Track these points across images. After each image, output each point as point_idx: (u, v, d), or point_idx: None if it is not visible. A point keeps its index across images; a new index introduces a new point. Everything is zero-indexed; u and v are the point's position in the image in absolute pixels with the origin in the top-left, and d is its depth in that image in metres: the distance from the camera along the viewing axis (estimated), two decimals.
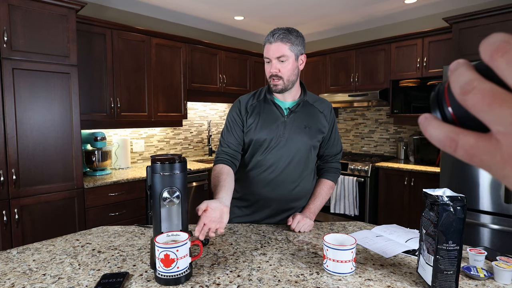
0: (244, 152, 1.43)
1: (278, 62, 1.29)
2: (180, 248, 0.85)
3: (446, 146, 0.23)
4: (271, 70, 1.30)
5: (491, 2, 3.04)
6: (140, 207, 2.81)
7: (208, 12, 3.43)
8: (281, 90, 1.33)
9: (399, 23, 3.73)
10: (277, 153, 1.35)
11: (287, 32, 1.28)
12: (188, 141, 3.93)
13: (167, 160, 0.94)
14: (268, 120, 1.36)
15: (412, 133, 3.65)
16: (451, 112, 0.23)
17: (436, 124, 0.23)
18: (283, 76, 1.30)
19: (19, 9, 2.13)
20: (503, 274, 0.88)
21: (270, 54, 1.28)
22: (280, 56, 1.27)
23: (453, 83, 0.22)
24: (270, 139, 1.34)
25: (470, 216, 2.44)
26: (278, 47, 1.27)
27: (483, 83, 0.20)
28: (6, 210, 2.13)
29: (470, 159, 0.22)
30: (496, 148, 0.20)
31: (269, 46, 1.28)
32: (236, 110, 1.42)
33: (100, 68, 2.80)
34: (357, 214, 3.35)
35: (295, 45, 1.29)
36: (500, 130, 0.20)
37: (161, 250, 0.84)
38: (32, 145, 2.21)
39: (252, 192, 1.39)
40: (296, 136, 1.35)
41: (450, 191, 0.87)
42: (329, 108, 1.44)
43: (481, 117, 0.20)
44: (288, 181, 1.37)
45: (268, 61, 1.31)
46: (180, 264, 0.86)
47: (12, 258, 1.05)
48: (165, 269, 0.85)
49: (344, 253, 0.91)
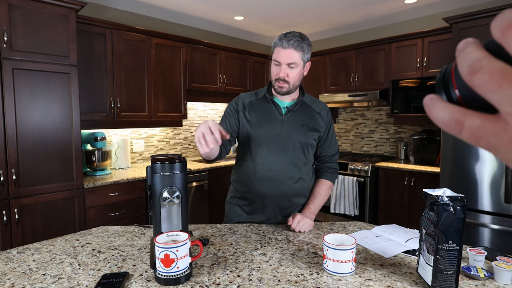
0: (243, 149, 1.44)
1: (287, 67, 1.31)
2: (180, 248, 0.85)
3: (451, 128, 0.22)
4: (279, 74, 1.32)
5: (491, 2, 3.04)
6: (140, 207, 2.81)
7: (208, 12, 3.43)
8: (285, 93, 1.37)
9: (399, 23, 3.73)
10: (275, 150, 1.38)
11: (301, 39, 1.31)
12: (188, 141, 3.93)
13: (167, 160, 0.93)
14: (266, 118, 1.39)
15: (412, 133, 3.65)
16: (458, 93, 0.23)
17: (442, 105, 0.23)
18: (289, 81, 1.33)
19: (19, 9, 2.12)
20: (503, 274, 0.88)
21: (282, 59, 1.30)
22: (291, 63, 1.30)
23: (460, 63, 0.21)
24: (268, 136, 1.38)
25: (470, 216, 2.43)
26: (291, 54, 1.29)
27: (493, 61, 0.19)
28: (6, 210, 2.13)
29: (477, 141, 0.21)
30: (504, 130, 0.19)
31: (282, 51, 1.30)
32: (234, 103, 1.46)
33: (100, 68, 2.80)
34: (357, 214, 3.35)
35: (305, 53, 1.32)
36: (509, 111, 0.19)
37: (161, 250, 0.84)
38: (32, 145, 2.21)
39: (252, 190, 1.40)
40: (293, 134, 1.38)
41: (450, 191, 0.87)
42: (326, 109, 1.48)
43: (489, 97, 0.19)
44: (287, 177, 1.38)
45: (277, 64, 1.33)
46: (180, 264, 0.86)
47: (12, 258, 1.05)
48: (165, 269, 0.85)
49: (344, 253, 0.91)
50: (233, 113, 1.44)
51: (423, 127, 3.55)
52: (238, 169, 1.46)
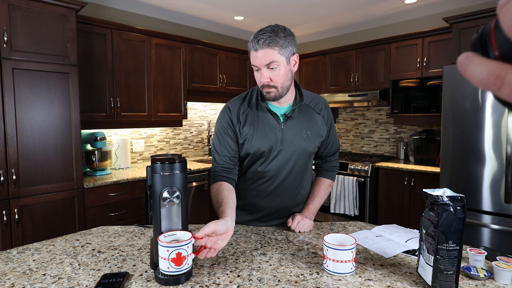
0: (241, 162, 1.34)
1: (268, 70, 1.15)
2: (189, 245, 0.87)
3: (489, 84, 0.21)
4: (261, 80, 1.17)
5: (491, 2, 3.04)
6: (140, 207, 2.81)
7: (208, 12, 3.43)
8: (275, 98, 1.21)
9: (399, 23, 3.73)
10: (276, 163, 1.28)
11: (273, 34, 1.12)
12: (188, 141, 3.93)
13: (167, 160, 0.93)
14: (264, 130, 1.26)
15: (412, 133, 3.65)
16: (496, 51, 0.22)
17: (479, 61, 0.21)
18: (276, 85, 1.17)
19: (19, 9, 2.13)
20: (503, 274, 0.88)
21: (258, 62, 1.15)
22: (269, 63, 1.13)
23: (504, 16, 0.20)
24: (268, 150, 1.26)
25: (470, 216, 2.43)
26: (266, 53, 1.12)
27: None
28: (6, 210, 2.13)
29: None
30: None
31: (255, 54, 1.14)
32: (226, 119, 1.29)
33: (100, 68, 2.80)
34: (357, 214, 3.35)
35: (284, 48, 1.14)
36: None
37: (173, 249, 0.84)
38: (32, 145, 2.21)
39: (253, 203, 1.36)
40: (295, 144, 1.27)
41: (450, 191, 0.87)
42: (326, 106, 1.37)
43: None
44: (289, 190, 1.34)
45: (256, 69, 1.18)
46: (189, 260, 0.88)
47: (12, 258, 1.05)
48: (176, 268, 0.85)
49: (344, 253, 0.91)
50: (229, 132, 1.29)
51: (423, 127, 3.55)
52: (237, 182, 1.36)
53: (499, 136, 2.29)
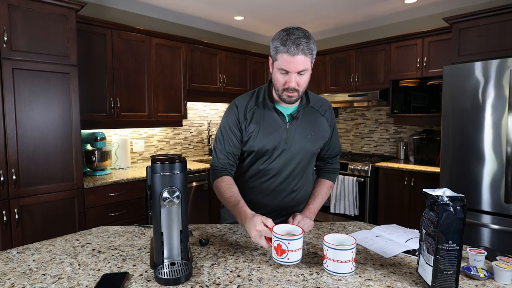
0: (243, 159, 1.36)
1: (297, 75, 1.15)
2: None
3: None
4: (290, 84, 1.15)
5: (491, 2, 3.04)
6: (140, 207, 2.81)
7: (208, 12, 3.43)
8: (295, 101, 1.23)
9: (399, 23, 3.73)
10: (279, 161, 1.30)
11: (308, 40, 1.11)
12: (188, 141, 3.93)
13: (167, 160, 0.93)
14: (269, 128, 1.28)
15: (412, 133, 3.65)
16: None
17: None
18: (299, 89, 1.18)
19: (19, 9, 2.12)
20: (503, 274, 0.88)
21: (292, 68, 1.12)
22: (302, 70, 1.14)
23: None
24: (272, 148, 1.28)
25: (470, 216, 2.43)
26: (302, 61, 1.11)
27: None
28: (6, 210, 2.13)
29: None
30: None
31: (290, 59, 1.11)
32: (233, 117, 1.30)
33: (100, 68, 2.80)
34: (357, 214, 3.35)
35: (314, 54, 1.16)
36: None
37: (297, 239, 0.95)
38: (32, 145, 2.21)
39: (253, 200, 1.35)
40: (299, 143, 1.30)
41: (450, 191, 0.87)
42: (330, 109, 1.40)
43: None
44: (290, 188, 1.35)
45: (283, 72, 1.16)
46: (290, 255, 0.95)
47: (12, 258, 1.05)
48: (278, 257, 0.96)
49: (344, 253, 0.91)
50: (234, 130, 1.30)
51: (423, 127, 3.56)
52: (238, 179, 1.38)
53: (499, 136, 2.29)
